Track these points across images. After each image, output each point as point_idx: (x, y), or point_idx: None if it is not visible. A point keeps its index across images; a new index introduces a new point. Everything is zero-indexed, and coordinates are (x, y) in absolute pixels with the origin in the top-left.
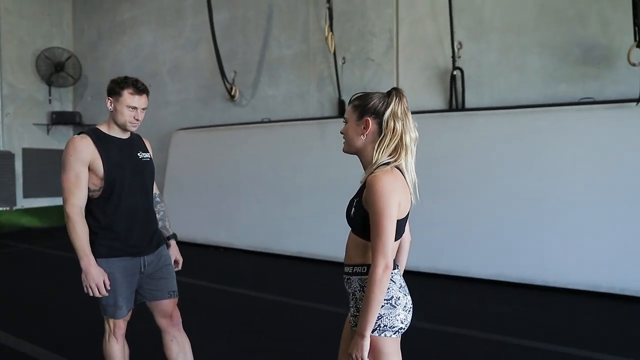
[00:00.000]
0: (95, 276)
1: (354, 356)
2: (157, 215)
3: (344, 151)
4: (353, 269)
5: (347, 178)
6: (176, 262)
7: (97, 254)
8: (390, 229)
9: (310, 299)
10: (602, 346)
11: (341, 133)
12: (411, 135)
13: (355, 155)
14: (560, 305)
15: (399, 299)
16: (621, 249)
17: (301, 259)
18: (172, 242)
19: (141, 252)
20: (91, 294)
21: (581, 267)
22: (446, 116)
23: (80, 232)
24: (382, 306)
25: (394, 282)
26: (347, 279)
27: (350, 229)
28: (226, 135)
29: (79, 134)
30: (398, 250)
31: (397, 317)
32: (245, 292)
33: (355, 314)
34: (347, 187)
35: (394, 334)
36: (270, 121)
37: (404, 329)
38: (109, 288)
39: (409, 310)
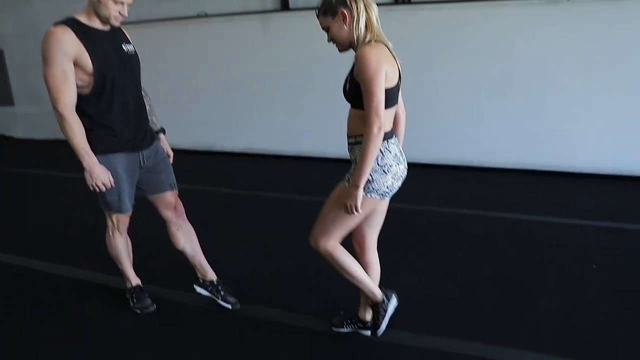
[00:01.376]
0: (100, 174)
1: (348, 205)
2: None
3: (340, 52)
4: (355, 139)
5: (290, 74)
6: (168, 155)
7: (95, 151)
8: (379, 92)
9: (267, 189)
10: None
11: (330, 41)
12: (374, 9)
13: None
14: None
15: (391, 167)
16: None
17: (249, 155)
18: (162, 136)
19: (139, 147)
20: (97, 191)
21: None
22: (393, 9)
23: (77, 131)
24: (375, 171)
25: (389, 151)
26: (351, 148)
27: (349, 105)
28: (157, 33)
29: (56, 24)
30: (395, 122)
31: (385, 183)
32: (204, 188)
33: (351, 172)
34: (290, 82)
35: (379, 196)
36: (206, 15)
37: (389, 193)
38: (113, 184)
39: (399, 178)
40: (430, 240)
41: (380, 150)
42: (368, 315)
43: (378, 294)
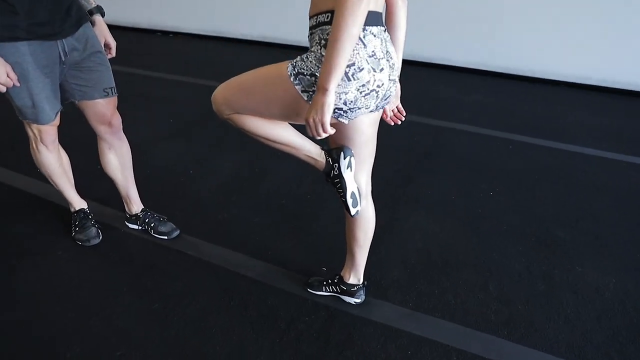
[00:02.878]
0: None
1: (310, 121)
2: None
3: None
4: (317, 19)
5: None
6: (107, 46)
7: None
8: None
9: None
10: (584, 139)
11: None
12: None
13: None
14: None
15: (360, 71)
16: (611, 42)
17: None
18: (98, 19)
19: (56, 34)
20: None
21: (568, 59)
22: None
23: None
24: None
25: (364, 44)
26: (311, 34)
27: None
28: None
29: None
30: (389, 11)
31: (342, 95)
32: (204, 83)
33: (305, 58)
34: None
35: (333, 113)
36: None
37: (347, 113)
38: (16, 83)
39: (371, 95)
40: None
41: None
42: (353, 278)
43: (315, 152)
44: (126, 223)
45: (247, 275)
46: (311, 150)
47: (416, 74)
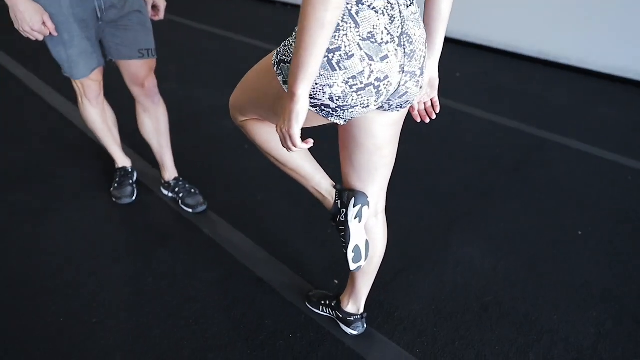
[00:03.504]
0: (27, 15)
1: (278, 131)
2: None
3: None
4: None
5: None
6: (155, 7)
7: None
8: None
9: None
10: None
11: None
12: None
13: None
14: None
15: (348, 59)
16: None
17: None
18: None
19: None
20: (30, 38)
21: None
22: None
23: None
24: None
25: (355, 23)
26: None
27: None
28: None
29: None
30: None
31: (326, 89)
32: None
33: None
34: None
35: (312, 107)
36: None
37: (338, 114)
38: (53, 32)
39: (364, 91)
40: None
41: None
42: (351, 307)
43: (325, 189)
44: (160, 189)
45: (252, 270)
46: (321, 184)
47: (524, 69)
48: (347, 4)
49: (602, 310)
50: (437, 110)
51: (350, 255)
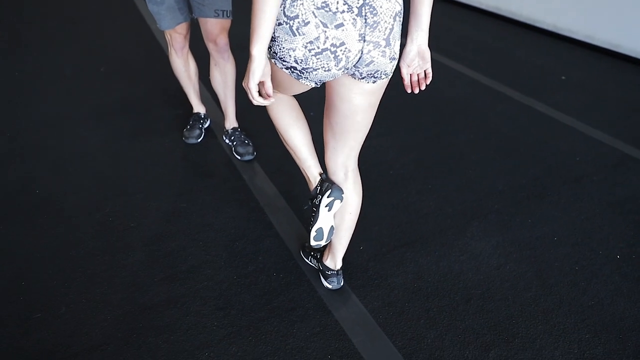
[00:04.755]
0: None
1: (243, 86)
2: None
3: None
4: None
5: None
6: None
7: None
8: None
9: None
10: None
11: None
12: None
13: None
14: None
15: (305, 25)
16: None
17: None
18: None
19: None
20: None
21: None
22: None
23: None
24: (280, 24)
25: None
26: None
27: None
28: None
29: None
30: None
31: (291, 52)
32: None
33: None
34: None
35: (286, 69)
36: None
37: (305, 76)
38: None
39: (322, 55)
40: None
41: None
42: (330, 261)
43: (312, 174)
44: (222, 136)
45: (267, 215)
46: (310, 169)
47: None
48: None
49: (601, 339)
50: (428, 82)
51: (312, 234)
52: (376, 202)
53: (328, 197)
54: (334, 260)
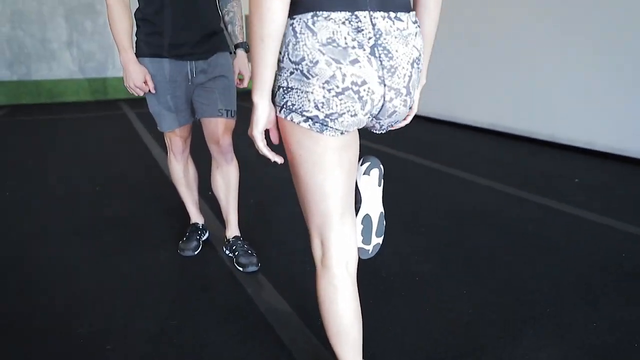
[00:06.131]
0: (134, 73)
1: (248, 133)
2: (225, 16)
3: None
4: None
5: None
6: (240, 74)
7: (137, 52)
8: None
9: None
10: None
11: None
12: None
13: None
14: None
15: (315, 65)
16: None
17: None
18: (240, 52)
19: (189, 54)
20: (133, 93)
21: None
22: None
23: (118, 23)
24: (290, 73)
25: (311, 31)
26: None
27: None
28: None
29: None
30: None
31: (310, 96)
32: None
33: None
34: None
35: (305, 121)
36: None
37: (324, 121)
38: (152, 90)
39: (344, 95)
40: None
41: (291, 29)
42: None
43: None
44: (223, 248)
45: (277, 331)
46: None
47: None
48: (302, 18)
49: None
50: (403, 125)
51: (359, 226)
52: (402, 310)
53: (362, 164)
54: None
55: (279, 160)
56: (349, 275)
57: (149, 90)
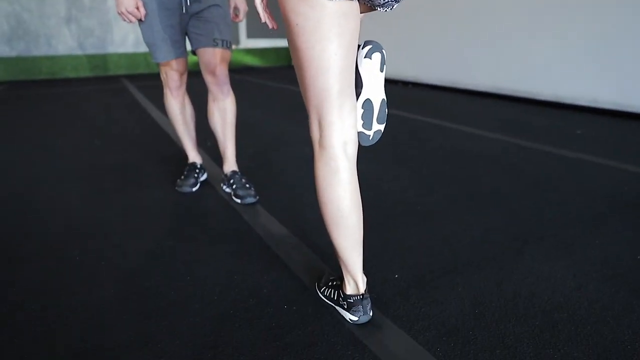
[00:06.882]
0: (126, 1)
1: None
2: None
3: None
4: None
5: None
6: (236, 9)
7: None
8: None
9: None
10: None
11: None
12: None
13: None
14: None
15: None
16: None
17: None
18: None
19: None
20: (125, 21)
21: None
22: None
23: None
24: None
25: None
26: None
27: None
28: None
29: None
30: None
31: None
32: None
33: None
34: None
35: None
36: None
37: None
38: (142, 17)
39: None
40: None
41: None
42: (349, 288)
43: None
44: (221, 185)
45: (273, 247)
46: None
47: None
48: None
49: None
50: None
51: (359, 111)
52: (405, 234)
53: (362, 47)
54: (354, 280)
55: (271, 24)
56: (347, 158)
57: (141, 19)
